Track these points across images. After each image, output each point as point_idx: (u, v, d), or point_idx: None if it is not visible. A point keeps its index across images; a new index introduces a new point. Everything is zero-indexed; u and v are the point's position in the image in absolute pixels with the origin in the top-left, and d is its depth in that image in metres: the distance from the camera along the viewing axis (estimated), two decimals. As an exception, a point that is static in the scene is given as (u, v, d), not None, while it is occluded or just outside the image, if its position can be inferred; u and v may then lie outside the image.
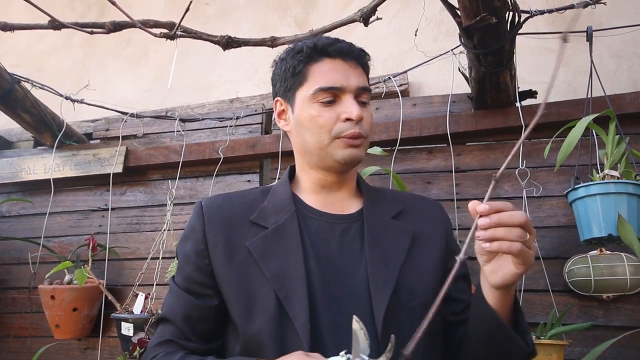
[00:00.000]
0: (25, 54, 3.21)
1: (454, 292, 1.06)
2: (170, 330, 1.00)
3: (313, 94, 0.99)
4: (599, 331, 1.69)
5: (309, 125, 1.00)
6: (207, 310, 0.98)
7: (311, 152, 1.02)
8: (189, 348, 0.98)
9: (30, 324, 2.28)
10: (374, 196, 1.08)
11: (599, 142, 1.74)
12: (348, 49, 1.01)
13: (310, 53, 1.01)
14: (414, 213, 1.08)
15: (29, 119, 2.28)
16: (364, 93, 1.01)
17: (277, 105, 1.09)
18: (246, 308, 0.93)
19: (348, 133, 0.97)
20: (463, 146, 2.01)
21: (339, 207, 1.05)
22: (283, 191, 1.06)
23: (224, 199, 1.06)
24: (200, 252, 0.99)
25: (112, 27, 1.78)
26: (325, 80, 0.99)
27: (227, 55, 2.19)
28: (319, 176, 1.05)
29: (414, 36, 2.08)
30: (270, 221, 1.00)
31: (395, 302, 0.93)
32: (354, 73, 1.00)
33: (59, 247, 2.37)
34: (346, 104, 0.98)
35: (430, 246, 1.04)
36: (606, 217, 1.46)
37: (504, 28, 1.56)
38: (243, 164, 2.26)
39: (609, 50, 2.18)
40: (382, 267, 0.95)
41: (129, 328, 1.84)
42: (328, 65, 1.00)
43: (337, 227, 1.01)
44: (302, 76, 1.02)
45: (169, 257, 2.07)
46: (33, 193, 2.48)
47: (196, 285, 1.00)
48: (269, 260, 0.95)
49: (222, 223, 1.01)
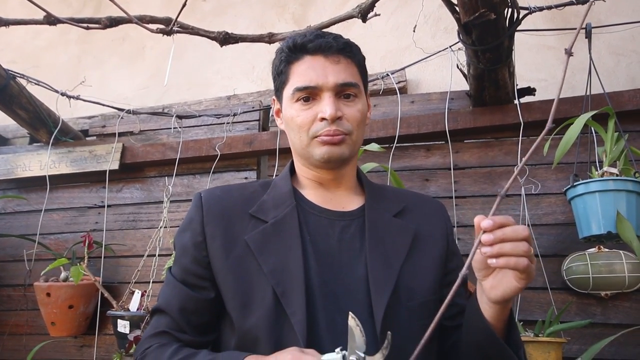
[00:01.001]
0: (21, 50, 3.18)
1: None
2: (165, 321, 0.99)
3: (292, 94, 0.98)
4: (597, 329, 1.69)
5: (291, 125, 1.00)
6: (202, 303, 0.97)
7: (297, 151, 1.03)
8: (183, 340, 0.97)
9: (26, 322, 2.27)
10: (376, 193, 1.07)
11: (598, 139, 1.74)
12: (327, 44, 0.98)
13: (290, 52, 1.00)
14: (415, 212, 1.07)
15: (24, 116, 2.27)
16: (348, 88, 0.98)
17: (274, 104, 1.09)
18: (242, 302, 0.92)
19: (323, 132, 0.96)
20: (461, 143, 2.00)
21: (339, 203, 1.04)
22: (284, 185, 1.04)
23: (223, 191, 1.05)
24: (197, 244, 0.98)
25: (108, 23, 1.76)
26: (302, 80, 0.97)
27: (224, 52, 2.18)
28: (313, 173, 1.04)
29: (412, 33, 2.07)
30: (270, 215, 0.99)
31: (395, 302, 0.92)
32: (334, 69, 0.97)
33: (54, 244, 2.35)
34: (322, 103, 0.96)
35: (430, 246, 1.03)
36: (605, 214, 1.45)
37: (502, 24, 1.56)
38: (240, 160, 2.25)
39: (608, 47, 2.18)
40: (382, 266, 0.94)
41: (125, 325, 1.83)
42: (307, 64, 0.98)
43: (337, 224, 1.00)
44: (284, 76, 1.01)
45: (166, 255, 2.06)
46: (28, 190, 2.46)
47: (193, 277, 0.98)
48: (267, 254, 0.94)
49: (220, 215, 0.99)
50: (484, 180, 1.93)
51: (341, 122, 0.97)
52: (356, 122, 0.99)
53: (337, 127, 0.96)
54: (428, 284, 0.98)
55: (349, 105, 0.98)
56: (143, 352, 0.97)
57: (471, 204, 1.92)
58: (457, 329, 1.02)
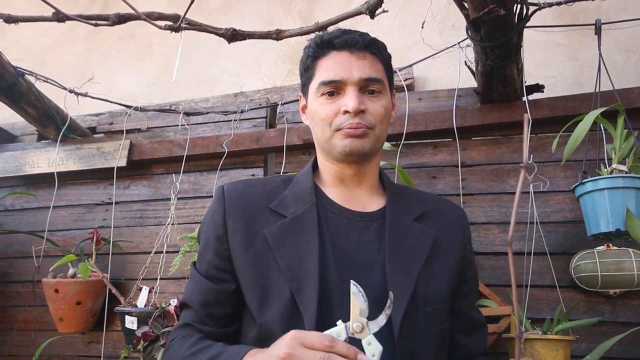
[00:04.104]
0: (29, 47, 3.20)
1: (464, 306, 1.06)
2: (189, 314, 1.02)
3: (317, 88, 1.01)
4: (606, 327, 1.68)
5: (315, 118, 1.02)
6: (223, 295, 0.99)
7: (321, 145, 1.04)
8: (204, 332, 0.99)
9: (34, 318, 2.28)
10: (397, 195, 1.07)
11: (607, 136, 1.73)
12: (353, 39, 1.01)
13: (317, 47, 1.03)
14: (436, 217, 1.07)
15: (33, 113, 2.28)
16: (372, 83, 1.00)
17: (300, 100, 1.11)
18: (261, 296, 0.94)
19: (345, 124, 0.97)
20: (469, 141, 1.99)
21: (360, 203, 1.04)
22: (305, 181, 1.05)
23: (245, 185, 1.07)
24: (219, 237, 1.00)
25: (116, 20, 1.77)
26: (327, 74, 0.99)
27: (231, 49, 2.18)
28: (335, 168, 1.04)
29: (419, 30, 2.06)
30: (289, 210, 1.00)
31: (412, 307, 0.92)
32: (359, 64, 0.99)
33: (62, 241, 2.36)
34: (346, 96, 0.98)
35: (449, 254, 1.03)
36: (614, 211, 1.44)
37: (511, 20, 1.55)
38: (247, 158, 2.25)
39: (617, 44, 2.16)
40: (400, 271, 0.94)
41: (132, 322, 1.84)
42: (333, 59, 1.00)
43: (357, 224, 1.00)
44: (311, 71, 1.03)
45: (173, 252, 2.07)
46: (37, 187, 2.48)
47: (214, 270, 1.00)
48: (284, 250, 0.95)
49: (242, 209, 1.01)
50: (492, 178, 1.93)
51: (364, 116, 0.98)
52: (379, 117, 1.00)
53: (360, 119, 0.97)
54: (444, 291, 0.98)
55: (372, 101, 1.00)
56: (169, 343, 1.01)
57: (478, 201, 1.91)
58: (456, 349, 1.04)
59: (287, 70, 2.66)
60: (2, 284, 2.41)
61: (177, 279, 2.11)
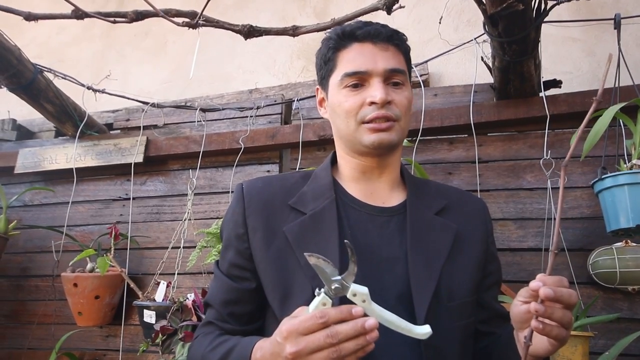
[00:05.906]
0: (46, 45, 3.23)
1: (487, 299, 1.05)
2: (212, 313, 1.03)
3: (340, 80, 0.99)
4: (624, 324, 1.67)
5: (338, 111, 1.00)
6: (245, 293, 1.00)
7: (344, 138, 1.02)
8: (226, 330, 1.00)
9: (54, 311, 2.32)
10: (418, 189, 1.06)
11: (626, 132, 1.71)
12: (376, 31, 0.99)
13: (338, 39, 1.01)
14: (457, 210, 1.05)
15: (51, 109, 2.31)
16: (396, 75, 0.99)
17: (317, 93, 1.10)
18: (283, 294, 0.93)
19: (372, 116, 0.95)
20: (485, 137, 1.99)
21: (380, 198, 1.03)
22: (324, 177, 1.04)
23: (264, 183, 1.06)
24: (240, 236, 1.00)
25: (134, 16, 1.78)
26: (351, 65, 0.98)
27: (245, 46, 2.18)
28: (356, 162, 1.03)
29: (434, 26, 2.06)
30: (309, 207, 0.99)
31: (436, 302, 0.91)
32: (383, 56, 0.98)
33: (80, 236, 2.39)
34: (371, 88, 0.96)
35: (471, 247, 1.02)
36: (634, 207, 1.43)
37: (529, 15, 1.54)
38: (263, 154, 2.26)
39: (635, 39, 2.14)
40: (423, 266, 0.93)
41: (151, 315, 1.86)
42: (356, 50, 0.99)
43: (377, 219, 0.99)
44: (332, 63, 1.02)
45: (190, 247, 2.09)
46: (55, 182, 2.51)
47: (235, 269, 1.01)
48: (304, 247, 0.93)
49: (262, 207, 1.00)
50: (508, 174, 1.92)
51: (390, 107, 0.97)
52: (404, 108, 0.99)
53: (386, 111, 0.96)
54: (467, 284, 0.97)
55: (397, 92, 0.99)
56: (193, 342, 1.03)
57: (495, 197, 1.91)
58: (486, 337, 1.03)
59: (302, 66, 2.67)
60: (22, 279, 2.45)
61: (193, 274, 2.13)
